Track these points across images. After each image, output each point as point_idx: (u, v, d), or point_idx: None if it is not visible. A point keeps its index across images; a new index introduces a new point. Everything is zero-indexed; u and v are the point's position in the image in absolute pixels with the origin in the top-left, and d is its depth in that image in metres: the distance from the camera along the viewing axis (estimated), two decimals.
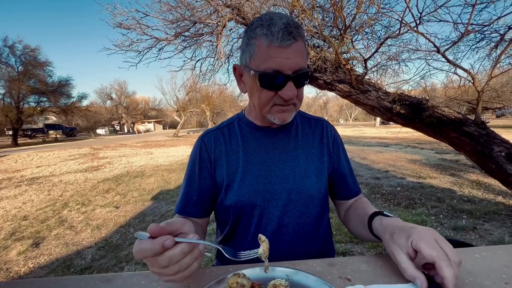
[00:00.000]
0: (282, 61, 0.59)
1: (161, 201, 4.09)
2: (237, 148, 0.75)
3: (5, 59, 17.66)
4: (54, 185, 5.33)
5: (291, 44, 0.58)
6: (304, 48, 0.63)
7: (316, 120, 0.83)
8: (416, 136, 11.94)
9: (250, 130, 0.77)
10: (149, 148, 12.49)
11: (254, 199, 0.71)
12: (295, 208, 0.72)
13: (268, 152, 0.74)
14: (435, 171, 5.14)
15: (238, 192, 0.71)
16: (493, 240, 2.39)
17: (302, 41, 0.61)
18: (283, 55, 0.58)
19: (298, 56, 0.60)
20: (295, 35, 0.58)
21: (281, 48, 0.58)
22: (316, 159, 0.76)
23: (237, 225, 0.74)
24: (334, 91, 2.69)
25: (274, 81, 0.61)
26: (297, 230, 0.72)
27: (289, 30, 0.58)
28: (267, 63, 0.59)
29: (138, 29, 3.07)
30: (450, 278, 0.42)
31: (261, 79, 0.61)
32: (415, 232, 0.49)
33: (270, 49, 0.59)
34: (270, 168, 0.73)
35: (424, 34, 1.88)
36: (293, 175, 0.72)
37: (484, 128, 2.14)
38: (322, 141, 0.79)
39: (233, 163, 0.74)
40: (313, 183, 0.73)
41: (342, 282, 0.51)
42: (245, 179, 0.72)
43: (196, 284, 0.52)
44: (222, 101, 23.19)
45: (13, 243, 2.81)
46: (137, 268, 2.23)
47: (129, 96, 42.43)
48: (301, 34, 0.60)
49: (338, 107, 51.93)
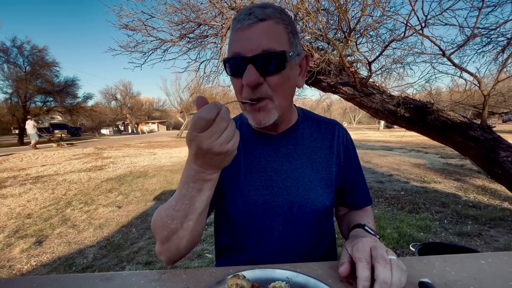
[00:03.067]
0: (242, 44, 0.54)
1: (164, 201, 4.08)
2: (238, 155, 0.68)
3: (13, 59, 17.98)
4: (58, 184, 5.38)
5: (252, 25, 0.53)
6: (281, 30, 0.55)
7: (327, 123, 0.75)
8: (421, 140, 11.84)
9: (250, 135, 0.71)
10: (152, 148, 12.55)
11: (253, 210, 0.66)
12: (297, 222, 0.66)
13: (270, 161, 0.68)
14: (439, 176, 5.08)
15: (238, 202, 0.67)
16: (499, 246, 2.34)
17: (276, 23, 0.55)
18: (243, 36, 0.54)
19: (263, 37, 0.53)
20: (257, 14, 0.53)
21: (243, 30, 0.54)
22: (323, 169, 0.69)
23: (236, 236, 0.69)
24: (337, 94, 2.68)
25: (235, 65, 0.56)
26: (301, 243, 0.68)
27: (252, 11, 0.54)
28: (231, 48, 0.57)
29: (143, 31, 3.09)
30: (361, 277, 0.44)
31: (225, 65, 0.58)
32: (360, 241, 0.52)
33: (233, 33, 0.56)
34: (272, 178, 0.67)
35: (430, 37, 1.87)
36: (296, 187, 0.66)
37: (490, 132, 2.11)
38: (332, 149, 0.71)
39: (234, 170, 0.68)
40: (318, 196, 0.67)
41: (343, 285, 0.50)
42: (245, 189, 0.67)
43: (195, 285, 0.52)
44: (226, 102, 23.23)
45: (16, 241, 2.83)
46: (137, 268, 2.23)
47: (134, 96, 42.83)
48: (269, 14, 0.54)
49: (341, 110, 51.76)
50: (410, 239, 2.49)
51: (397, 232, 2.66)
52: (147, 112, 45.49)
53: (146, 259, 2.35)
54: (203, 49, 3.42)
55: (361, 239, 0.53)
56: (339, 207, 0.83)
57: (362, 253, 0.48)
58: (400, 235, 2.59)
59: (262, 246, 0.67)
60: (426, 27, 1.83)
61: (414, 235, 2.58)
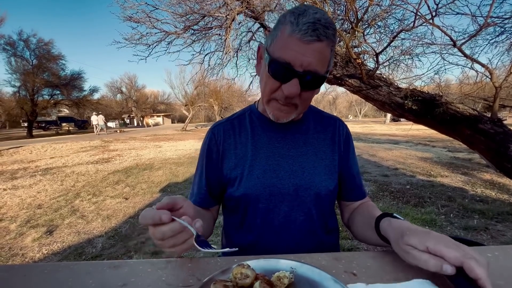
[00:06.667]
0: (296, 55, 0.55)
1: (169, 193, 4.16)
2: (246, 141, 0.75)
3: (20, 52, 18.14)
4: (67, 176, 5.50)
5: (311, 42, 0.54)
6: (329, 53, 0.58)
7: (329, 118, 0.81)
8: (428, 134, 11.65)
9: (260, 123, 0.76)
10: (157, 141, 12.67)
11: (261, 192, 0.70)
12: (302, 204, 0.71)
13: (277, 147, 0.73)
14: (446, 170, 5.01)
15: (245, 185, 0.71)
16: (506, 241, 2.32)
17: (328, 44, 0.57)
18: (299, 49, 0.55)
19: (315, 57, 0.56)
20: (320, 34, 0.54)
21: (301, 42, 0.55)
22: (327, 158, 0.74)
23: (244, 217, 0.74)
24: (344, 86, 2.64)
25: (281, 72, 0.58)
26: (304, 225, 0.72)
27: (316, 26, 0.53)
28: (282, 52, 0.57)
29: (147, 23, 3.08)
30: (485, 277, 0.37)
31: (270, 65, 0.59)
32: (431, 236, 0.45)
33: (290, 38, 0.56)
34: (279, 163, 0.72)
35: (440, 27, 1.81)
36: (302, 171, 0.71)
37: (501, 125, 2.06)
38: (334, 140, 0.77)
39: (241, 156, 0.73)
40: (322, 180, 0.71)
41: (347, 276, 0.50)
42: (252, 172, 0.71)
43: (201, 274, 0.53)
44: (230, 95, 23.20)
45: (28, 230, 2.93)
46: (145, 258, 2.29)
47: (139, 89, 43.02)
48: (328, 36, 0.55)
49: (347, 103, 51.10)
50: None
51: None
52: (152, 105, 45.72)
53: (153, 249, 2.41)
54: (208, 41, 3.39)
55: (430, 232, 0.47)
56: (344, 210, 0.83)
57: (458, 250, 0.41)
58: None
59: (268, 225, 0.72)
60: (437, 16, 1.78)
61: None
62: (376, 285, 0.47)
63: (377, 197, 3.64)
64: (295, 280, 0.47)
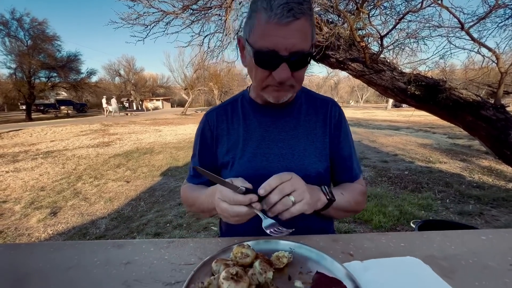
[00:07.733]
0: (278, 40, 0.55)
1: (170, 177, 4.21)
2: (238, 126, 0.76)
3: (14, 32, 17.61)
4: (68, 159, 5.54)
5: (290, 22, 0.53)
6: (309, 27, 0.58)
7: (322, 100, 0.80)
8: (429, 120, 11.60)
9: (251, 108, 0.77)
10: (157, 125, 12.63)
11: (251, 176, 0.70)
12: None
13: (268, 131, 0.74)
14: (445, 156, 5.04)
15: (237, 168, 0.72)
16: (499, 226, 2.38)
17: (307, 19, 0.56)
18: (280, 33, 0.54)
19: (297, 37, 0.55)
20: (296, 12, 0.53)
21: (279, 26, 0.54)
22: (318, 140, 0.75)
23: None
24: (346, 71, 2.59)
25: (268, 60, 0.58)
26: None
27: (290, 6, 0.52)
28: (263, 41, 0.56)
29: (144, 1, 2.96)
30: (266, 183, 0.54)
31: (255, 56, 0.59)
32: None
33: (267, 25, 0.54)
34: (269, 146, 0.73)
35: (449, 8, 1.74)
36: (292, 154, 0.72)
37: (503, 112, 2.04)
38: (325, 122, 0.76)
39: (233, 141, 0.75)
40: (312, 162, 0.72)
41: (344, 256, 0.52)
42: (243, 156, 0.73)
43: (202, 253, 0.55)
44: (230, 79, 22.82)
45: (32, 211, 2.99)
46: (147, 238, 2.35)
47: (137, 72, 42.16)
48: (305, 11, 0.54)
49: (349, 88, 50.37)
50: (411, 217, 2.54)
51: (398, 210, 2.71)
52: (151, 88, 45.02)
53: (155, 231, 2.48)
54: (207, 22, 3.27)
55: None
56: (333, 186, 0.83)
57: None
58: (401, 213, 2.64)
59: None
60: None
61: (415, 213, 2.62)
62: (370, 260, 0.50)
63: (375, 182, 3.68)
64: (294, 260, 0.49)
